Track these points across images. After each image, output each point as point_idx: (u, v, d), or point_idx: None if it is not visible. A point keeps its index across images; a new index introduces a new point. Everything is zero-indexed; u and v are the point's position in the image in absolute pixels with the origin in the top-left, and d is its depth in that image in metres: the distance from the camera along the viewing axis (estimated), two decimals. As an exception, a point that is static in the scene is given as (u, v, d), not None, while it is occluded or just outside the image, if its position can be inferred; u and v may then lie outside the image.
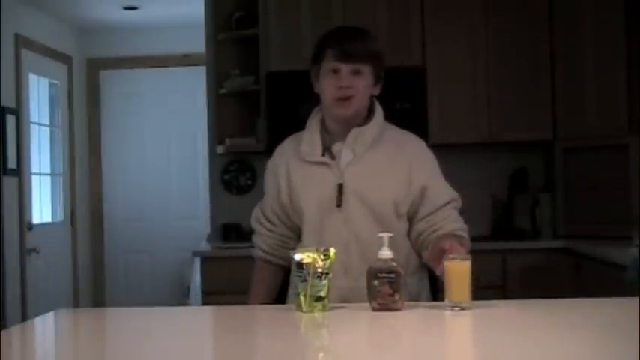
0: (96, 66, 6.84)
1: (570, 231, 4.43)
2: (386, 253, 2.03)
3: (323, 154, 2.39)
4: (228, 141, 4.78)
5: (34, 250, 5.68)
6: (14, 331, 2.03)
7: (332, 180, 2.34)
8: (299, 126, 3.02)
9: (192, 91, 6.54)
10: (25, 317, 5.35)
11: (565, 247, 4.20)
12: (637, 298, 1.99)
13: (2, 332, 1.88)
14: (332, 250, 2.07)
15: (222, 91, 4.81)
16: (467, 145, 4.65)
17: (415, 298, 2.31)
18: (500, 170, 4.79)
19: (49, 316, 2.16)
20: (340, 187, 2.33)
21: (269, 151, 4.60)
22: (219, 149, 4.83)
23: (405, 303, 2.03)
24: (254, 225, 2.57)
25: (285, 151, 2.51)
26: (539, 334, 1.75)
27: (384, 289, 2.00)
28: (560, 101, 4.52)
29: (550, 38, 4.53)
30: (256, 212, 2.58)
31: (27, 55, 5.77)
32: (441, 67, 4.54)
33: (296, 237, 2.46)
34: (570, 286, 4.01)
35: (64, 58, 6.46)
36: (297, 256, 2.06)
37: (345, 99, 2.32)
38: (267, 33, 4.62)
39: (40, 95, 6.14)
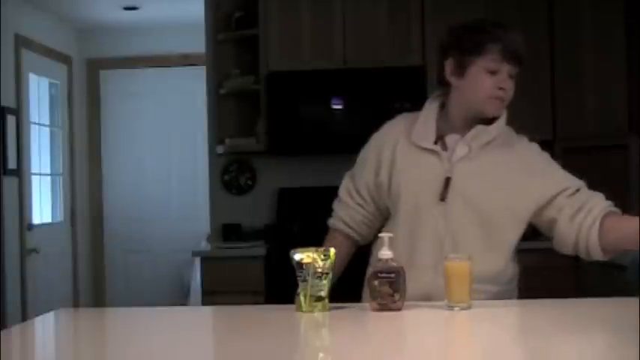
0: (96, 66, 6.84)
1: (570, 231, 4.42)
2: (386, 253, 2.03)
3: (435, 143, 2.25)
4: (228, 141, 4.78)
5: (34, 250, 5.68)
6: (14, 331, 2.03)
7: (440, 171, 2.21)
8: (299, 126, 3.10)
9: (192, 91, 6.53)
10: (25, 317, 5.35)
11: (565, 247, 4.19)
12: (637, 298, 1.99)
13: (2, 332, 1.88)
14: (332, 250, 2.07)
15: (222, 91, 4.81)
16: (467, 145, 4.65)
17: None
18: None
19: (49, 316, 2.16)
20: (448, 180, 2.20)
21: (269, 151, 4.67)
22: (219, 149, 4.83)
23: (411, 302, 2.03)
24: (342, 194, 2.42)
25: (395, 128, 2.34)
26: (539, 334, 1.75)
27: (384, 289, 2.00)
28: (560, 101, 4.52)
29: (550, 38, 4.53)
30: (347, 182, 2.42)
31: (27, 55, 5.77)
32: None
33: (382, 218, 2.35)
34: (570, 286, 4.00)
35: (64, 58, 6.46)
36: (297, 256, 2.06)
37: (499, 100, 2.21)
38: (267, 33, 4.62)
39: (40, 95, 6.14)
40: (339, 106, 4.47)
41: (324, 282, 2.04)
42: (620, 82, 4.37)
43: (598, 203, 2.21)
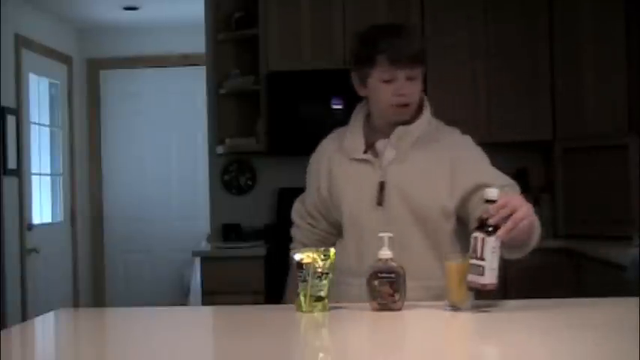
0: (96, 66, 6.84)
1: (570, 231, 4.43)
2: (386, 253, 2.03)
3: (366, 151, 2.33)
4: (228, 141, 4.78)
5: (34, 250, 5.68)
6: (14, 331, 2.03)
7: (374, 177, 2.28)
8: (299, 126, 3.08)
9: (192, 91, 6.54)
10: (25, 317, 5.35)
11: (565, 247, 4.20)
12: (637, 298, 1.99)
13: (2, 332, 1.88)
14: (332, 251, 2.07)
15: (222, 91, 4.81)
16: (467, 145, 4.64)
17: None
18: (500, 170, 4.77)
19: (49, 316, 2.16)
20: (382, 185, 2.27)
21: (269, 152, 4.67)
22: (219, 149, 4.83)
23: (410, 302, 2.03)
24: (295, 219, 2.53)
25: (327, 145, 2.44)
26: (539, 334, 1.75)
27: (384, 289, 2.01)
28: (560, 101, 4.52)
29: (550, 38, 4.53)
30: (297, 206, 2.54)
31: (27, 55, 5.77)
32: (440, 68, 4.54)
33: (337, 233, 2.41)
34: (570, 286, 4.01)
35: (64, 58, 6.46)
36: (297, 256, 2.06)
37: (402, 106, 2.26)
38: (267, 33, 4.62)
39: (40, 95, 6.14)
40: (339, 106, 4.47)
41: (324, 282, 2.04)
42: (620, 83, 4.37)
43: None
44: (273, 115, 4.56)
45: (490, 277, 1.93)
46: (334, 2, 4.59)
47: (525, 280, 4.21)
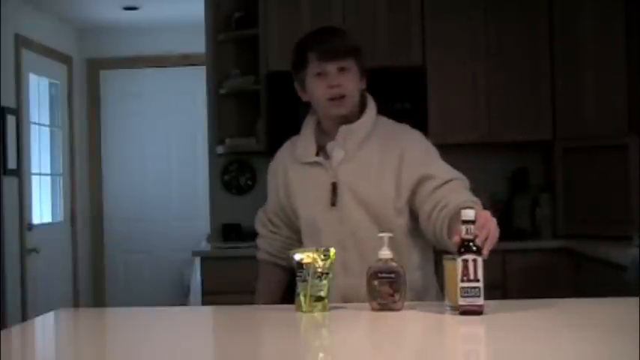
0: (96, 66, 6.84)
1: (570, 231, 4.43)
2: (386, 253, 2.03)
3: (317, 154, 2.38)
4: (228, 141, 4.78)
5: (34, 250, 5.68)
6: (14, 331, 2.03)
7: (326, 179, 2.34)
8: (299, 126, 3.01)
9: (192, 91, 6.54)
10: (25, 317, 5.35)
11: (565, 247, 4.20)
12: (637, 298, 1.99)
13: (2, 332, 1.88)
14: (332, 250, 2.07)
15: (222, 91, 4.81)
16: (467, 145, 4.64)
17: (421, 294, 2.29)
18: (500, 170, 4.79)
19: (49, 316, 2.16)
20: (334, 185, 2.33)
21: (269, 151, 4.62)
22: (219, 149, 4.83)
23: (409, 302, 2.03)
24: (258, 228, 2.59)
25: (282, 154, 2.52)
26: (538, 334, 1.75)
27: (384, 289, 2.01)
28: (560, 101, 4.52)
29: (550, 38, 4.53)
30: (260, 215, 2.60)
31: (27, 55, 5.78)
32: (440, 68, 4.54)
33: (299, 238, 2.47)
34: (570, 286, 4.01)
35: (64, 58, 6.46)
36: (297, 256, 2.06)
37: (338, 98, 2.31)
38: (267, 33, 4.62)
39: (40, 95, 6.15)
40: (339, 106, 4.46)
41: (324, 282, 2.04)
42: (620, 82, 4.37)
43: (454, 199, 2.15)
44: (273, 115, 4.55)
45: (482, 297, 1.92)
46: (334, 2, 4.59)
47: (525, 280, 4.21)
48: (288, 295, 2.46)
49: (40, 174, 6.08)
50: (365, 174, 2.31)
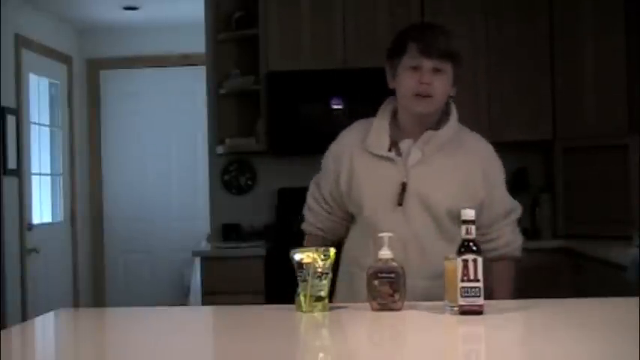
0: (96, 66, 6.84)
1: (570, 231, 4.43)
2: (386, 253, 2.03)
3: (390, 149, 2.33)
4: (228, 141, 4.78)
5: (34, 250, 5.68)
6: (14, 331, 2.03)
7: (396, 177, 2.30)
8: (299, 126, 3.08)
9: (192, 91, 6.54)
10: (25, 317, 5.35)
11: (565, 247, 4.20)
12: (637, 298, 1.99)
13: (2, 332, 1.88)
14: (332, 250, 2.07)
15: (222, 91, 4.81)
16: (467, 145, 4.64)
17: None
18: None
19: (49, 316, 2.16)
20: (404, 185, 2.29)
21: (269, 151, 4.67)
22: (219, 149, 4.83)
23: (409, 302, 2.03)
24: (310, 201, 2.52)
25: (351, 137, 2.43)
26: (538, 334, 1.75)
27: (384, 289, 2.01)
28: (560, 101, 4.52)
29: (550, 38, 4.53)
30: (313, 190, 2.52)
31: (27, 55, 5.77)
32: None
33: (350, 221, 2.44)
34: (570, 286, 4.00)
35: (64, 58, 6.46)
36: (297, 256, 2.06)
37: (425, 96, 2.28)
38: (267, 33, 4.62)
39: (40, 95, 6.14)
40: (339, 106, 4.47)
41: (324, 282, 2.04)
42: (620, 82, 4.37)
43: (500, 246, 2.40)
44: (273, 115, 4.56)
45: (482, 297, 1.92)
46: (334, 2, 4.59)
47: (525, 280, 4.20)
48: (289, 295, 2.47)
49: (40, 174, 6.08)
50: (437, 179, 2.30)
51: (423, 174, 2.29)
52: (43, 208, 6.14)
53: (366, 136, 2.37)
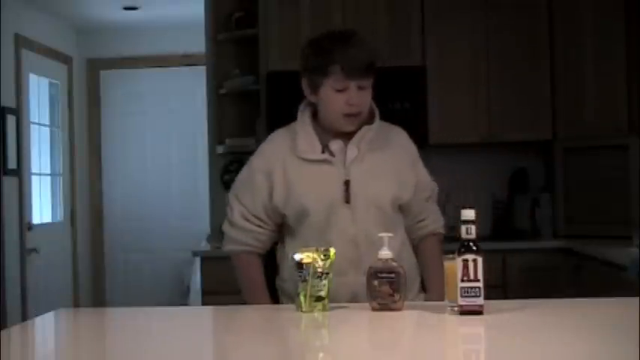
0: (96, 66, 6.84)
1: (570, 231, 4.43)
2: (386, 253, 2.03)
3: (322, 152, 2.37)
4: (228, 141, 4.78)
5: (34, 250, 5.68)
6: (14, 331, 2.03)
7: (337, 177, 2.34)
8: None
9: (192, 91, 6.54)
10: (25, 317, 5.35)
11: (565, 247, 4.20)
12: (637, 298, 1.99)
13: (2, 332, 1.88)
14: (332, 250, 2.07)
15: (222, 91, 4.81)
16: (467, 145, 4.65)
17: (410, 285, 2.31)
18: (500, 170, 4.79)
19: (49, 316, 2.16)
20: (347, 183, 2.33)
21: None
22: (219, 149, 4.83)
23: (409, 302, 2.03)
24: (237, 220, 2.47)
25: (277, 149, 2.43)
26: (538, 334, 1.75)
27: (384, 289, 2.01)
28: (560, 101, 4.52)
29: (550, 38, 4.53)
30: (240, 209, 2.46)
31: (27, 55, 5.77)
32: (441, 68, 4.54)
33: (279, 231, 2.47)
34: (570, 286, 4.00)
35: (64, 58, 6.46)
36: (297, 256, 2.06)
37: (354, 115, 2.33)
38: (267, 33, 4.62)
39: (40, 95, 6.14)
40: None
41: (324, 282, 2.04)
42: (620, 82, 4.37)
43: (430, 224, 2.51)
44: (273, 114, 4.55)
45: (482, 297, 1.92)
46: (334, 2, 4.58)
47: (525, 280, 4.21)
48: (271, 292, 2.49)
49: (40, 174, 6.08)
50: (375, 173, 2.36)
51: (363, 169, 2.35)
52: (43, 208, 6.14)
53: (293, 144, 2.39)
